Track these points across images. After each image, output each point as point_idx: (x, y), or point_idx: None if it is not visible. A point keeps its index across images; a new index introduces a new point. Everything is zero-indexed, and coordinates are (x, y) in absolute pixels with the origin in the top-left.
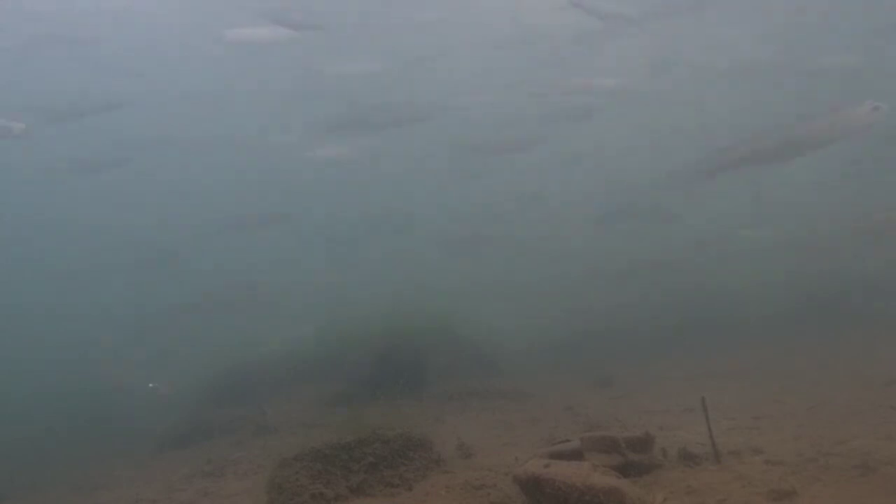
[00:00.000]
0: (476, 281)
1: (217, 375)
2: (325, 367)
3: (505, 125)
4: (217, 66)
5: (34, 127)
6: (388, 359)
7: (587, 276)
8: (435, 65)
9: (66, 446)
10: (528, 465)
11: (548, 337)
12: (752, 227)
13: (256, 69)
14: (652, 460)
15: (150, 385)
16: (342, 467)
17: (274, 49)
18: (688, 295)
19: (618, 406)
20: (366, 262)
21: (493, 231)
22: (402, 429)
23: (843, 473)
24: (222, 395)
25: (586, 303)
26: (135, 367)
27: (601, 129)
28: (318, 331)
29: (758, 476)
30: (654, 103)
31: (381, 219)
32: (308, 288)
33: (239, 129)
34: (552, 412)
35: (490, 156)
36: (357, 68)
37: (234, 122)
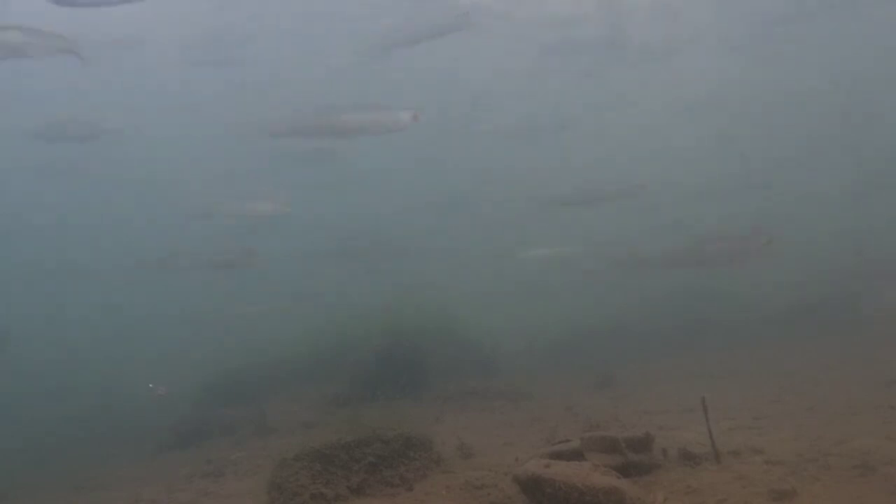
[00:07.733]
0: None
1: (217, 375)
2: (325, 367)
3: None
4: None
5: None
6: (388, 359)
7: None
8: None
9: (67, 446)
10: (529, 465)
11: (548, 337)
12: None
13: None
14: (652, 460)
15: (150, 385)
16: (342, 467)
17: None
18: (688, 295)
19: (618, 406)
20: None
21: None
22: (402, 429)
23: (843, 473)
24: (222, 395)
25: (587, 302)
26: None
27: None
28: (318, 331)
29: (758, 476)
30: None
31: None
32: None
33: None
34: (552, 412)
35: None
36: None
37: None
